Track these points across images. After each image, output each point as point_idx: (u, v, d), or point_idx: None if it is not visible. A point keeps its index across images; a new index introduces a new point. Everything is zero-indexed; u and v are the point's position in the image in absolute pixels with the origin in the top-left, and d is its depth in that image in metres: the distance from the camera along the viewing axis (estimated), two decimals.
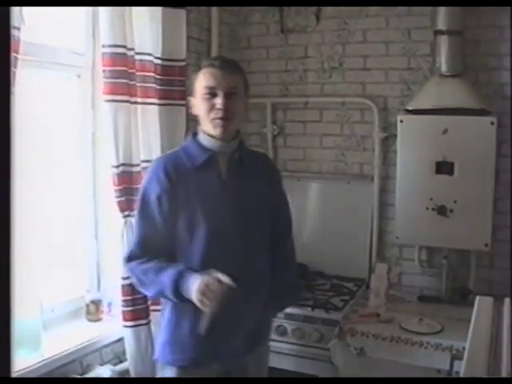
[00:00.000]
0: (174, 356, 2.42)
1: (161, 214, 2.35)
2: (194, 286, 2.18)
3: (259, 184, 2.51)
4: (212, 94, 2.33)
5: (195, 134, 2.46)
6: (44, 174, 2.70)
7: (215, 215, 2.37)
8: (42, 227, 2.63)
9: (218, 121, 2.33)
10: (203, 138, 2.41)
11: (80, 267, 3.03)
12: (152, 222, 2.37)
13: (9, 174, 0.74)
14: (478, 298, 2.18)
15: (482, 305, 2.06)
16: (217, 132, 2.36)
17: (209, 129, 2.37)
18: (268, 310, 2.58)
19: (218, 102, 2.33)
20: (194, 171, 2.38)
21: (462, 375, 1.42)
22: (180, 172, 2.37)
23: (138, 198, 2.46)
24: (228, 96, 2.35)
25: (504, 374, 1.33)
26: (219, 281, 2.17)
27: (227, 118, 2.35)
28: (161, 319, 2.53)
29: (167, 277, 2.26)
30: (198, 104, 2.38)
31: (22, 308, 2.29)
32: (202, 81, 2.36)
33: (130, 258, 2.40)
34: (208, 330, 2.22)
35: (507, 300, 2.01)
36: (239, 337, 2.42)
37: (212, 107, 2.34)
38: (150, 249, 2.37)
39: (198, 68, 2.44)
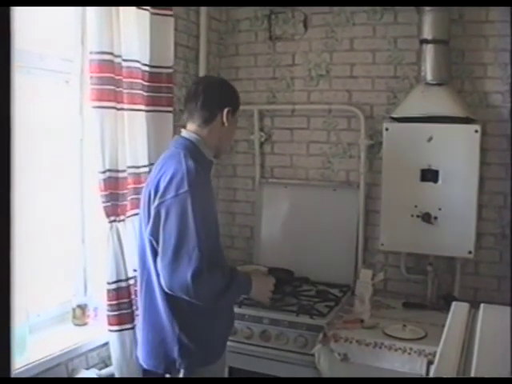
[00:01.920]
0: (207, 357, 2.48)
1: (215, 218, 2.43)
2: (267, 285, 2.64)
3: None
4: None
5: (189, 141, 2.45)
6: (31, 179, 2.70)
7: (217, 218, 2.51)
8: (28, 231, 2.64)
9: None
10: (206, 150, 2.46)
11: (67, 272, 3.03)
12: (214, 228, 2.39)
13: (9, 181, 0.75)
14: (453, 303, 2.21)
15: (457, 310, 2.09)
16: (221, 156, 2.64)
17: (217, 146, 2.51)
18: None
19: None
20: (206, 177, 2.44)
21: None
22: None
23: (184, 199, 2.24)
24: None
25: None
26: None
27: None
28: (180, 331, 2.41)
29: (242, 278, 2.49)
30: (233, 124, 2.51)
31: None
32: (239, 105, 2.55)
33: (199, 273, 2.22)
34: None
35: (483, 306, 2.03)
36: None
37: None
38: (216, 260, 2.33)
39: (222, 84, 2.56)
